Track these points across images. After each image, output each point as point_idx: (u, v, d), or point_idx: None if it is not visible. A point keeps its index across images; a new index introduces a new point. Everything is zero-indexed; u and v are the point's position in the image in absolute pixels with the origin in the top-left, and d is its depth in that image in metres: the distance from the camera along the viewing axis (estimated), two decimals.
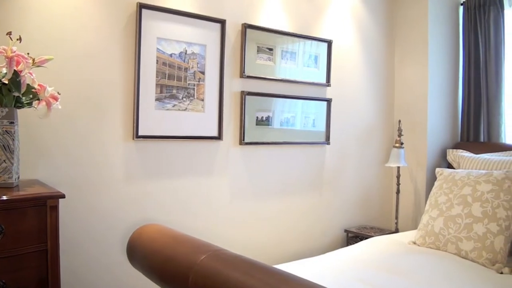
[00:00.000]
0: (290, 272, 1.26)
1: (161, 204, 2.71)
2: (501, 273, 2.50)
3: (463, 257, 2.69)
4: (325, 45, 3.41)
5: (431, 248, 2.87)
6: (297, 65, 3.26)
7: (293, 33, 3.22)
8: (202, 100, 2.81)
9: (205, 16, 2.78)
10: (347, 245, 3.44)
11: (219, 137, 2.89)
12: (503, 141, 3.70)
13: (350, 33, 3.64)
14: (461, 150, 3.66)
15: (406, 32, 3.93)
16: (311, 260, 2.62)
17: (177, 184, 2.76)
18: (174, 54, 2.68)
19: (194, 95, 2.77)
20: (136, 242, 1.60)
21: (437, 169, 3.26)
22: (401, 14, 3.96)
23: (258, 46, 3.04)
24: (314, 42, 3.35)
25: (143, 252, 1.54)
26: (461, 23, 4.00)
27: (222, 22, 2.85)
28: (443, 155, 3.84)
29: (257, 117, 3.07)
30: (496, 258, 2.59)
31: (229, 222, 3.00)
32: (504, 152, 3.40)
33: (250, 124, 3.04)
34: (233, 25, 2.94)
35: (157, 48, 2.61)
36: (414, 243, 2.98)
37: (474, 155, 3.48)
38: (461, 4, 4.00)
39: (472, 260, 2.65)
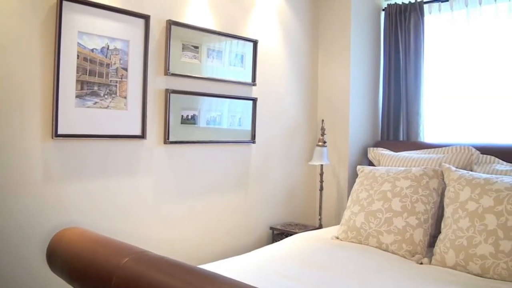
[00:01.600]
0: (216, 271, 1.26)
1: (82, 206, 2.60)
2: (421, 263, 2.64)
3: (384, 250, 2.81)
4: (251, 44, 3.43)
5: (353, 242, 2.97)
6: (223, 64, 3.25)
7: (219, 31, 3.20)
8: (125, 97, 2.73)
9: (128, 10, 2.70)
10: (273, 242, 3.48)
11: (142, 136, 2.82)
12: (421, 140, 3.90)
13: (276, 34, 3.68)
14: (381, 149, 3.81)
15: (330, 34, 4.03)
16: (236, 259, 2.62)
17: (99, 185, 2.67)
18: (96, 49, 2.58)
19: (116, 92, 2.69)
20: (56, 246, 1.54)
21: (358, 167, 3.37)
22: (325, 17, 4.06)
23: (183, 44, 2.99)
24: (240, 41, 3.36)
25: (64, 257, 1.49)
26: (383, 27, 4.16)
27: (146, 18, 2.78)
28: (364, 153, 3.98)
29: (182, 116, 3.03)
30: (415, 249, 2.72)
31: (154, 223, 2.94)
32: (422, 150, 3.58)
33: (175, 123, 2.99)
34: (157, 21, 2.88)
35: (78, 43, 2.50)
36: (337, 238, 3.07)
37: (394, 153, 3.63)
38: (383, 10, 4.17)
39: (393, 253, 2.77)
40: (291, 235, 3.29)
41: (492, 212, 2.47)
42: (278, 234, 3.65)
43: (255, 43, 3.44)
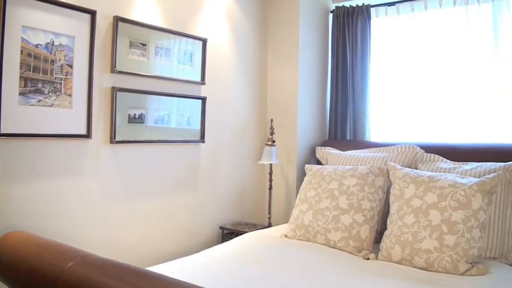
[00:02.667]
0: (164, 273, 1.25)
1: (26, 209, 2.48)
2: (368, 259, 2.70)
3: (331, 247, 2.86)
4: (200, 43, 3.40)
5: (301, 240, 3.00)
6: (171, 62, 3.20)
7: (167, 29, 3.15)
8: (70, 95, 2.63)
9: (74, 5, 2.60)
10: (222, 242, 3.46)
11: (88, 135, 2.73)
12: (368, 139, 4.00)
13: (225, 33, 3.67)
14: (329, 148, 3.87)
15: (279, 35, 4.05)
16: (185, 259, 2.59)
17: (43, 186, 2.56)
18: (40, 44, 2.48)
19: (61, 90, 2.59)
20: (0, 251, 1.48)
21: (307, 166, 3.41)
22: (274, 18, 4.08)
23: (130, 41, 2.92)
24: (189, 39, 3.32)
25: (7, 262, 1.43)
26: (331, 29, 4.23)
27: (92, 13, 2.69)
28: (312, 152, 4.03)
29: (129, 115, 2.96)
30: (362, 246, 2.79)
31: (100, 225, 2.85)
32: (368, 149, 3.65)
33: (122, 122, 2.91)
34: (104, 17, 2.79)
35: (22, 38, 2.39)
36: (286, 236, 3.10)
37: (341, 152, 3.70)
38: (331, 12, 4.23)
39: (340, 249, 2.82)
40: (240, 234, 3.29)
41: (436, 208, 2.55)
42: (227, 233, 3.64)
43: (204, 41, 3.42)
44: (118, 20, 2.83)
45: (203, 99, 3.45)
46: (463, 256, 2.39)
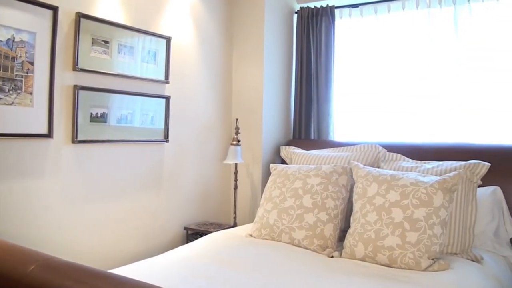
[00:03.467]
0: (127, 275, 1.23)
1: None
2: (332, 257, 2.72)
3: (296, 245, 2.87)
4: (164, 41, 3.36)
5: (266, 239, 3.00)
6: (135, 60, 3.16)
7: (131, 26, 3.11)
8: (31, 93, 2.56)
9: (35, 1, 2.53)
10: (187, 242, 3.44)
11: (49, 135, 2.67)
12: (331, 139, 4.05)
13: (189, 31, 3.65)
14: (293, 147, 3.89)
15: (244, 34, 4.06)
16: (149, 261, 2.55)
17: (2, 187, 2.48)
18: (1, 41, 2.40)
19: (22, 88, 2.51)
20: None
21: (271, 165, 3.42)
22: (239, 17, 4.08)
23: (93, 38, 2.87)
24: (153, 38, 3.28)
25: None
26: (295, 30, 4.26)
27: (55, 9, 2.62)
28: (277, 151, 4.05)
29: (91, 114, 2.91)
30: (326, 244, 2.81)
31: (62, 227, 2.79)
32: (332, 148, 3.70)
33: (84, 121, 2.86)
34: (66, 13, 2.72)
35: None
36: (251, 235, 3.09)
37: (305, 151, 3.72)
38: (296, 12, 4.26)
39: (305, 248, 2.84)
40: (205, 234, 3.27)
41: (398, 206, 2.60)
42: (192, 234, 3.62)
43: (168, 40, 3.38)
44: (80, 16, 2.78)
45: (167, 98, 3.42)
46: (425, 253, 2.44)
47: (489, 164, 2.87)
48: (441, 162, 3.06)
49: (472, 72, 3.54)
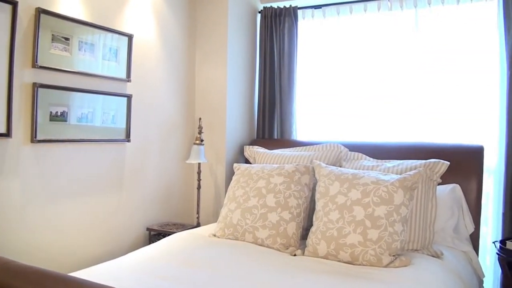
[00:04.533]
0: (88, 278, 1.21)
1: None
2: (295, 255, 2.74)
3: (259, 245, 2.88)
4: (125, 39, 3.31)
5: (230, 239, 3.00)
6: (96, 58, 3.10)
7: (92, 23, 3.04)
8: None
9: None
10: (150, 243, 3.40)
11: (8, 134, 2.58)
12: (294, 138, 4.09)
13: (152, 29, 3.60)
14: (257, 147, 3.90)
15: (207, 33, 4.04)
16: (111, 263, 2.50)
17: None
18: None
19: None
20: None
21: (235, 164, 3.41)
22: (202, 17, 4.06)
23: (53, 35, 2.79)
24: (115, 35, 3.22)
25: None
26: (259, 29, 4.27)
27: (14, 4, 2.54)
28: (241, 151, 4.05)
29: (51, 112, 2.83)
30: (289, 242, 2.83)
31: (21, 229, 2.70)
32: (295, 148, 3.73)
33: (43, 120, 2.78)
34: (26, 8, 2.64)
35: None
36: (214, 235, 3.08)
37: (269, 150, 3.74)
38: (259, 12, 4.27)
39: (268, 247, 2.85)
40: (168, 235, 3.24)
41: (360, 204, 2.63)
42: (155, 234, 3.58)
43: (130, 37, 3.34)
44: (40, 12, 2.70)
45: (129, 97, 3.37)
46: (386, 249, 2.49)
47: (448, 163, 2.96)
48: (401, 161, 3.13)
49: (432, 74, 3.64)
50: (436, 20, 3.63)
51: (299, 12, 4.10)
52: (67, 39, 2.89)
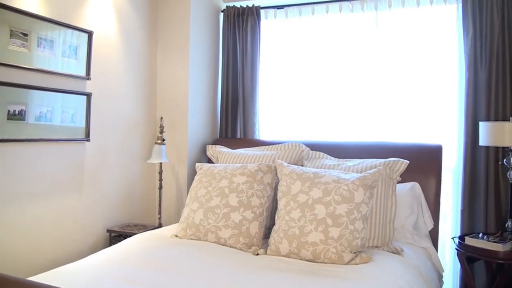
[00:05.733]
0: (47, 281, 1.19)
1: None
2: (257, 254, 2.75)
3: (222, 244, 2.87)
4: (85, 36, 3.24)
5: (192, 239, 2.98)
6: (55, 55, 3.02)
7: (51, 19, 2.96)
8: None
9: None
10: (110, 245, 3.35)
11: None
12: (257, 138, 4.11)
13: (112, 27, 3.54)
14: (219, 146, 3.89)
15: (169, 31, 4.01)
16: (70, 266, 2.45)
17: None
18: None
19: None
20: None
21: (197, 164, 3.40)
22: (164, 14, 4.03)
23: (11, 30, 2.71)
24: (75, 31, 3.15)
25: None
26: (221, 28, 4.27)
27: None
28: (203, 150, 4.04)
29: (8, 111, 2.75)
30: (252, 242, 2.84)
31: None
32: (257, 147, 3.75)
33: (0, 119, 2.70)
34: None
35: None
36: (176, 236, 3.06)
37: (231, 150, 3.74)
38: (222, 11, 4.27)
39: (231, 246, 2.85)
40: (129, 236, 3.19)
41: (321, 203, 2.67)
42: (116, 236, 3.52)
43: (90, 34, 3.27)
44: None
45: (88, 95, 3.30)
46: (347, 247, 2.52)
47: (408, 162, 3.04)
48: (362, 160, 3.19)
49: (393, 75, 3.73)
50: (397, 22, 3.72)
51: (262, 12, 4.12)
52: (25, 35, 2.81)
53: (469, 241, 3.14)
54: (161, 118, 3.83)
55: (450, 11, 3.56)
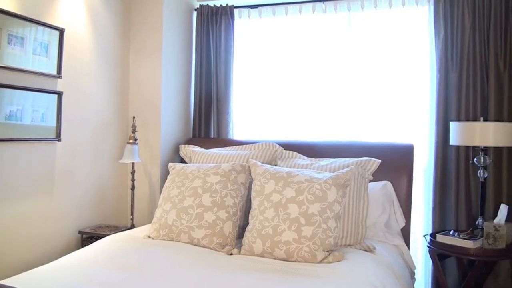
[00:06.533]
0: (16, 285, 1.16)
1: None
2: (231, 254, 2.75)
3: (195, 245, 2.86)
4: (57, 33, 3.18)
5: (165, 240, 2.95)
6: (26, 52, 2.95)
7: (22, 15, 2.89)
8: None
9: None
10: (82, 247, 3.29)
11: None
12: (231, 137, 4.10)
13: (84, 25, 3.49)
14: (193, 146, 3.87)
15: (142, 31, 3.97)
16: (40, 269, 2.39)
17: None
18: None
19: None
20: None
21: (170, 164, 3.37)
22: (137, 14, 3.99)
23: None
24: (46, 29, 3.09)
25: None
26: (195, 27, 4.25)
27: None
28: (176, 150, 4.01)
29: None
30: (225, 241, 2.83)
31: None
32: (231, 147, 3.75)
33: None
34: None
35: None
36: (149, 237, 3.03)
37: (205, 150, 3.73)
38: (195, 10, 4.24)
39: (204, 246, 2.84)
40: (101, 237, 3.15)
41: (294, 202, 2.68)
42: (87, 238, 3.47)
43: (61, 31, 3.21)
44: None
45: (59, 94, 3.24)
46: (320, 245, 2.54)
47: (380, 161, 3.07)
48: (334, 159, 3.21)
49: (366, 76, 3.77)
50: (370, 24, 3.76)
51: (236, 11, 4.11)
52: None
53: (440, 238, 3.19)
54: (134, 117, 3.79)
55: (422, 13, 3.62)
